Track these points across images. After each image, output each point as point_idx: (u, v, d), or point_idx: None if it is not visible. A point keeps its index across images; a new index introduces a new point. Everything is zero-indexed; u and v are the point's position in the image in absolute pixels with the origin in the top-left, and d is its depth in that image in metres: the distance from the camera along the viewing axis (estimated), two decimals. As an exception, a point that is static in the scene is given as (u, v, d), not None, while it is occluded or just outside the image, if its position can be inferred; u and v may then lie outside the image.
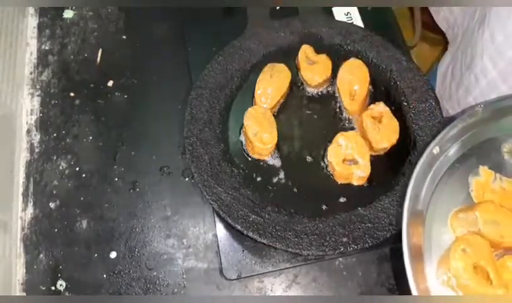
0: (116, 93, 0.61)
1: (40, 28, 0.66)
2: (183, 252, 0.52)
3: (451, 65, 0.65)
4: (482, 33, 0.54)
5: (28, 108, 0.60)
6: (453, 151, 0.45)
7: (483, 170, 0.45)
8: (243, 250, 0.50)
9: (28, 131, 0.59)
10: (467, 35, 0.60)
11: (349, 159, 0.51)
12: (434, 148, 0.43)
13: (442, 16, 0.71)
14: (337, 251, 0.46)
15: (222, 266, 0.50)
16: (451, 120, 0.52)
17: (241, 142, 0.54)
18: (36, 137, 0.59)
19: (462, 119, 0.45)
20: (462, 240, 0.40)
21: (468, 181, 0.45)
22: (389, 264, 0.51)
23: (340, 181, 0.51)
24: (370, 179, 0.51)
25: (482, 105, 0.45)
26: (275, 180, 0.52)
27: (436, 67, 0.73)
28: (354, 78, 0.55)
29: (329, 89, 0.57)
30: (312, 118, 0.56)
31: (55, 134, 0.59)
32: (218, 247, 0.51)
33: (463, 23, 0.64)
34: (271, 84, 0.55)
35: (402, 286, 0.47)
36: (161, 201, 0.55)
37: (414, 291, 0.37)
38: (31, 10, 0.67)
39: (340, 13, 0.65)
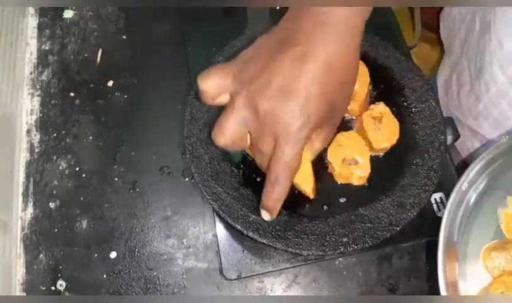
0: (116, 93, 0.61)
1: (40, 28, 0.66)
2: (183, 252, 0.52)
3: (454, 74, 0.64)
4: (488, 40, 0.54)
5: (28, 108, 0.60)
6: (480, 184, 0.45)
7: None
8: (243, 250, 0.50)
9: (28, 131, 0.59)
10: (472, 43, 0.60)
11: (349, 159, 0.51)
12: (463, 185, 0.43)
13: (443, 25, 0.71)
14: (337, 251, 0.46)
15: (222, 266, 0.50)
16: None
17: (241, 142, 0.54)
18: (36, 137, 0.59)
19: (488, 152, 0.45)
20: (499, 283, 0.40)
21: (497, 213, 0.44)
22: (390, 264, 0.51)
23: (340, 181, 0.51)
24: (370, 179, 0.51)
25: (507, 137, 0.45)
26: (275, 180, 0.52)
27: (434, 72, 0.73)
28: (354, 78, 0.55)
29: (329, 89, 0.57)
30: (312, 118, 0.56)
31: (55, 134, 0.59)
32: (218, 247, 0.51)
33: (459, 32, 0.64)
34: (271, 84, 0.55)
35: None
36: (161, 201, 0.55)
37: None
38: (31, 10, 0.68)
39: (340, 13, 0.65)
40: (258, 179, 0.52)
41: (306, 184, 0.49)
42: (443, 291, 0.39)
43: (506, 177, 0.46)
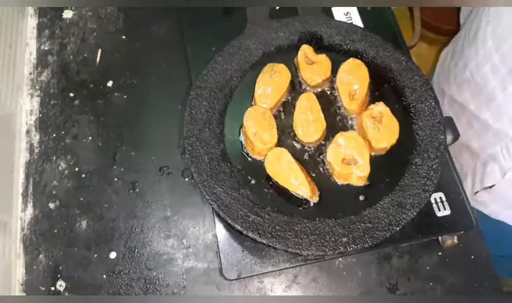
0: (116, 93, 0.61)
1: (40, 28, 0.66)
2: (183, 252, 0.52)
3: (452, 45, 0.66)
4: (487, 10, 0.55)
5: (27, 108, 0.60)
6: None
7: None
8: (243, 250, 0.50)
9: (28, 131, 0.59)
10: (473, 12, 0.61)
11: (348, 159, 0.51)
12: None
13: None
14: (337, 251, 0.46)
15: (222, 266, 0.50)
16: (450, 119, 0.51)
17: (241, 142, 0.54)
18: (36, 138, 0.59)
19: None
20: None
21: None
22: (390, 264, 0.51)
23: (339, 181, 0.51)
24: (370, 179, 0.51)
25: None
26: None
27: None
28: (353, 78, 0.55)
29: (329, 89, 0.57)
30: (312, 118, 0.56)
31: (54, 134, 0.59)
32: (218, 247, 0.51)
33: (471, 11, 0.66)
34: (271, 84, 0.55)
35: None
36: (161, 201, 0.55)
37: None
38: (30, 10, 0.67)
39: (339, 13, 0.65)
40: (258, 179, 0.52)
41: (301, 189, 0.49)
42: None
43: None
